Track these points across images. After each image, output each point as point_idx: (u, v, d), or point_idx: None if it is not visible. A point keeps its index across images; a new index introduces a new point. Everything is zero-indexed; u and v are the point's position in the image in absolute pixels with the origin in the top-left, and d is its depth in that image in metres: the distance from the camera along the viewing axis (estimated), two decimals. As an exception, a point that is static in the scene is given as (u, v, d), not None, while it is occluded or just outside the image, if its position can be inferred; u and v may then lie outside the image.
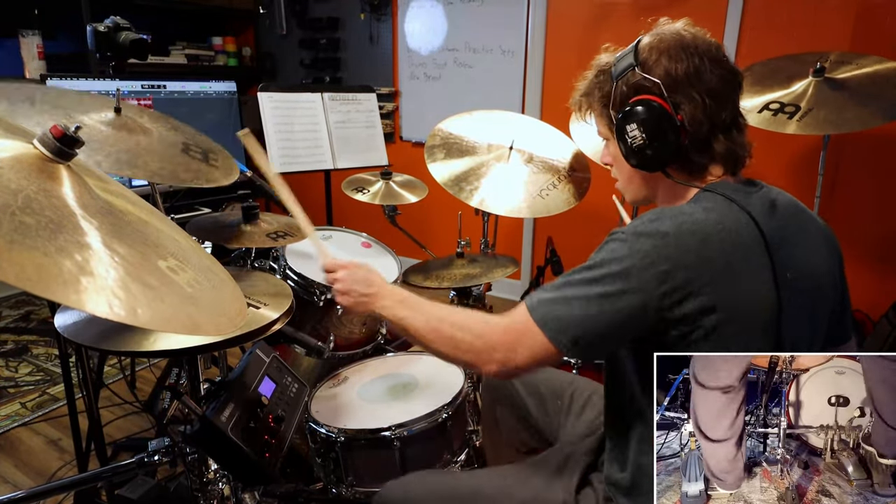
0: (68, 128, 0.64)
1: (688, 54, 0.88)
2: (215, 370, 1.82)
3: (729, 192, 0.88)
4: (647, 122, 0.89)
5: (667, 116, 0.88)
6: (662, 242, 0.81)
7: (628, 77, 0.92)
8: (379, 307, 1.07)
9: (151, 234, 0.72)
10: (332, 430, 1.38)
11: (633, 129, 0.90)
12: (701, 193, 0.90)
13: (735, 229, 0.84)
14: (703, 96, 0.87)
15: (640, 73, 0.90)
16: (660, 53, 0.90)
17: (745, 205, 0.86)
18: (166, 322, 0.59)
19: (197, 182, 1.22)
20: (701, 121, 0.88)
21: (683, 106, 0.88)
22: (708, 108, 0.88)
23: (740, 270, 0.82)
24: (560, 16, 3.07)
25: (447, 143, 1.91)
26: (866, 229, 2.55)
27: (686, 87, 0.88)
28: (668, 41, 0.90)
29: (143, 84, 2.92)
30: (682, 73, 0.88)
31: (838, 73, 1.89)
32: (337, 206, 2.64)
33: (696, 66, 0.88)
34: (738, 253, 0.83)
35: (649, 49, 0.91)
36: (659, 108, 0.88)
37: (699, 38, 0.91)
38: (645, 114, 0.89)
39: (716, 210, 0.85)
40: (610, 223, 2.96)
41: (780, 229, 0.88)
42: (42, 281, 0.51)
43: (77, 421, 1.76)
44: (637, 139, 0.91)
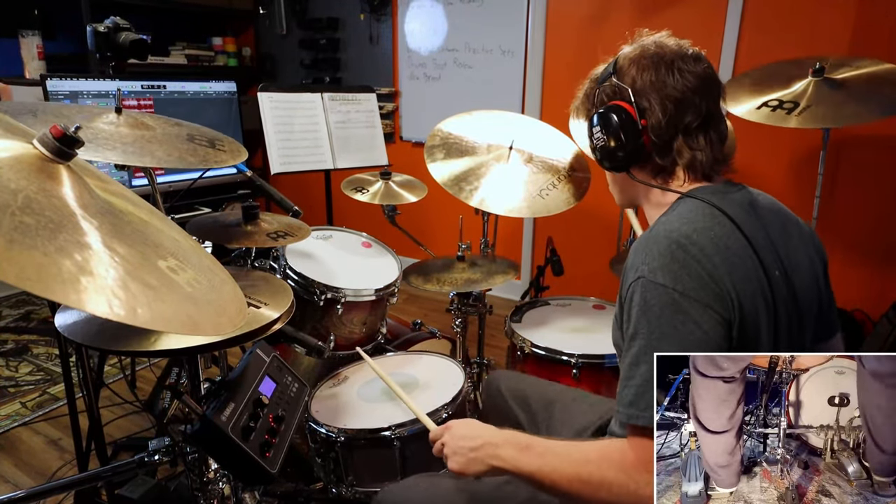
0: (68, 128, 0.64)
1: (655, 63, 0.94)
2: (215, 370, 1.82)
3: (707, 195, 0.91)
4: (609, 124, 0.96)
5: (630, 120, 0.94)
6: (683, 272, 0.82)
7: (606, 84, 0.99)
8: (498, 460, 0.93)
9: (152, 234, 0.72)
10: (333, 430, 1.38)
11: (598, 130, 0.98)
12: (681, 200, 0.93)
13: (722, 234, 0.86)
14: (665, 102, 0.92)
15: (615, 80, 0.97)
16: (631, 62, 0.96)
17: (724, 208, 0.88)
18: (166, 322, 0.59)
19: (206, 164, 1.23)
20: (663, 125, 0.93)
21: (648, 111, 0.94)
22: (669, 114, 0.92)
23: (738, 277, 0.83)
24: (560, 16, 3.07)
25: (447, 143, 1.91)
26: (866, 229, 2.55)
27: (650, 94, 0.93)
28: (641, 52, 0.97)
29: (143, 84, 2.92)
30: (648, 81, 0.94)
31: (837, 74, 1.90)
32: (337, 206, 2.65)
33: (661, 74, 0.93)
34: (730, 258, 0.84)
35: (625, 58, 0.98)
36: (623, 111, 0.94)
37: (671, 48, 0.96)
38: (609, 116, 0.96)
39: (697, 218, 0.87)
40: (610, 223, 2.96)
41: (763, 229, 0.90)
42: (42, 280, 0.51)
43: (77, 420, 1.76)
44: (600, 140, 0.98)
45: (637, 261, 0.86)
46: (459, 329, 1.96)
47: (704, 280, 0.81)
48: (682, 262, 0.82)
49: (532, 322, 1.85)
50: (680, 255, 0.83)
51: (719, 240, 0.85)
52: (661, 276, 0.82)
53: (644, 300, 0.83)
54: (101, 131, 1.19)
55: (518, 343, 1.71)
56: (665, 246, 0.84)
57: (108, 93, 2.68)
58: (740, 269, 0.84)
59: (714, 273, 0.82)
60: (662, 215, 0.94)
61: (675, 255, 0.83)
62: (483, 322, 2.08)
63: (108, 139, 1.16)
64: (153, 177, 1.53)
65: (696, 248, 0.83)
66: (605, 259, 2.23)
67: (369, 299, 1.73)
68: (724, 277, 0.82)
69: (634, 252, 0.88)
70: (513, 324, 1.81)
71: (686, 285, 0.81)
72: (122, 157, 1.13)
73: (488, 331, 2.16)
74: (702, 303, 0.80)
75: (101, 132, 1.18)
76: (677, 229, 0.86)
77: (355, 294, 1.69)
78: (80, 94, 2.58)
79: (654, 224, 0.92)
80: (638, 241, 0.90)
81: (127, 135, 1.21)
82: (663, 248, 0.84)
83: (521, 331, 1.75)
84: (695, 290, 0.81)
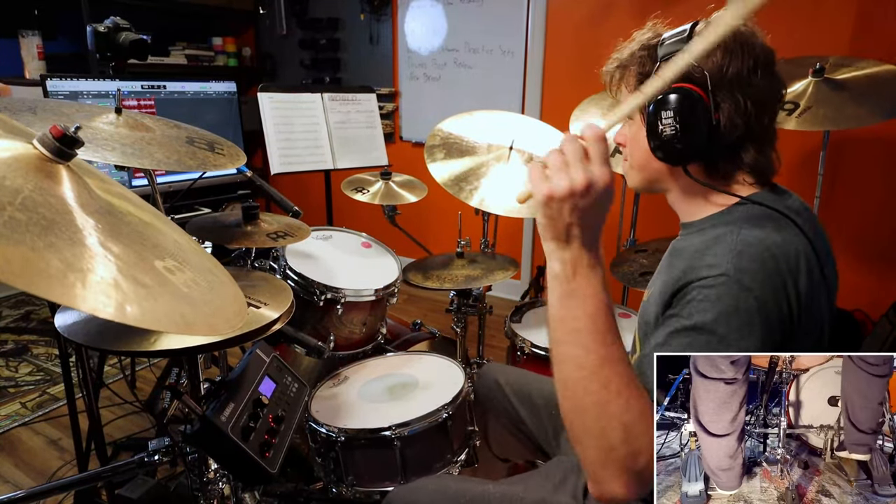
0: (68, 128, 0.64)
1: (745, 53, 0.82)
2: (215, 370, 1.82)
3: (773, 203, 0.83)
4: (683, 113, 0.82)
5: (706, 112, 0.81)
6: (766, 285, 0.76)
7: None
8: (562, 261, 0.78)
9: (151, 235, 0.72)
10: (333, 430, 1.38)
11: (668, 116, 0.82)
12: (743, 205, 0.85)
13: (802, 250, 0.80)
14: (746, 101, 0.82)
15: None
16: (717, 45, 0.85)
17: (794, 219, 0.82)
18: (157, 320, 0.59)
19: (205, 167, 1.22)
20: (737, 125, 0.82)
21: (723, 105, 0.82)
22: (748, 114, 0.82)
23: (814, 296, 0.80)
24: (560, 16, 3.07)
25: (447, 143, 1.91)
26: (866, 229, 2.55)
27: (732, 87, 0.81)
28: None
29: (143, 84, 2.92)
30: (734, 72, 0.81)
31: (837, 75, 1.90)
32: (337, 206, 2.65)
33: (749, 67, 0.82)
34: (813, 279, 0.80)
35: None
36: (700, 100, 0.81)
37: (759, 39, 0.84)
38: (684, 103, 0.82)
39: (778, 228, 0.81)
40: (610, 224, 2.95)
41: (817, 240, 0.84)
42: (26, 275, 0.50)
43: (77, 421, 1.76)
44: (668, 128, 0.83)
45: (721, 260, 0.77)
46: (459, 329, 1.96)
47: (781, 298, 0.76)
48: (772, 272, 0.76)
49: (532, 322, 1.85)
50: (771, 265, 0.77)
51: (801, 256, 0.79)
52: (748, 280, 0.75)
53: (719, 297, 0.75)
54: (100, 131, 1.19)
55: (518, 343, 1.71)
56: (758, 252, 0.77)
57: (108, 93, 2.68)
58: (817, 289, 0.80)
59: (791, 293, 0.77)
60: (723, 217, 0.86)
61: (766, 264, 0.76)
62: (483, 322, 2.08)
63: (107, 140, 1.16)
64: (153, 177, 1.53)
65: (786, 264, 0.77)
66: (605, 259, 2.23)
67: (369, 299, 1.73)
68: (802, 296, 0.78)
69: (706, 248, 0.80)
70: (513, 324, 1.81)
71: (766, 297, 0.75)
72: (122, 159, 1.13)
73: (488, 331, 2.16)
74: (769, 324, 0.75)
75: (101, 132, 1.18)
76: (768, 237, 0.79)
77: (355, 294, 1.69)
78: (80, 95, 2.58)
79: (735, 229, 0.81)
80: (713, 244, 0.81)
81: (126, 136, 1.21)
82: (755, 253, 0.77)
83: (521, 331, 1.75)
84: (769, 304, 0.75)
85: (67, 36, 3.32)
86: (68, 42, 3.32)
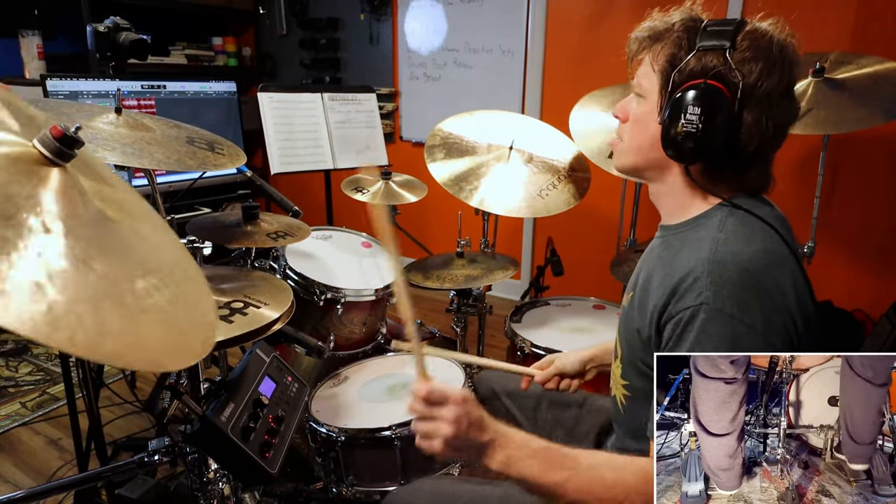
0: (68, 128, 0.63)
1: (783, 73, 0.80)
2: (215, 370, 1.82)
3: (753, 208, 0.83)
4: (711, 114, 0.79)
5: (731, 119, 0.80)
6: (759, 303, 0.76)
7: (712, 55, 0.81)
8: (500, 463, 0.83)
9: (139, 249, 0.68)
10: (333, 430, 1.38)
11: (695, 111, 0.79)
12: (724, 208, 0.85)
13: (783, 259, 0.80)
14: (769, 121, 0.80)
15: (731, 60, 0.79)
16: (758, 54, 0.80)
17: (775, 226, 0.82)
18: (97, 346, 0.52)
19: (205, 167, 1.22)
20: (751, 142, 0.81)
21: (747, 119, 0.80)
22: (765, 134, 0.81)
23: (802, 304, 0.80)
24: (560, 16, 3.07)
25: (447, 143, 1.91)
26: (866, 229, 2.55)
27: (761, 104, 0.80)
28: (772, 46, 0.81)
29: (143, 84, 2.93)
30: (767, 90, 0.79)
31: (838, 74, 1.89)
32: (337, 206, 2.65)
33: (781, 89, 0.80)
34: (797, 286, 0.80)
35: (751, 42, 0.81)
36: (729, 106, 0.79)
37: (799, 59, 0.82)
38: (715, 105, 0.79)
39: (757, 237, 0.81)
40: (610, 223, 2.96)
41: (794, 244, 0.84)
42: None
43: (77, 420, 1.76)
44: (692, 123, 0.80)
45: (700, 284, 0.77)
46: (459, 329, 1.96)
47: (771, 314, 0.76)
48: (754, 292, 0.76)
49: (532, 322, 1.85)
50: (751, 285, 0.76)
51: (784, 265, 0.79)
52: (728, 306, 0.75)
53: (703, 329, 0.75)
54: (100, 131, 1.19)
55: (518, 343, 1.71)
56: (735, 274, 0.76)
57: (108, 93, 2.68)
58: (803, 296, 0.80)
59: (781, 304, 0.77)
60: (704, 221, 0.86)
61: (745, 285, 0.76)
62: (483, 322, 2.08)
63: (107, 140, 1.16)
64: (153, 177, 1.53)
65: (769, 280, 0.77)
66: (605, 259, 2.23)
67: (369, 299, 1.73)
68: (791, 307, 0.77)
69: (689, 271, 0.79)
70: (513, 324, 1.81)
71: (754, 318, 0.75)
72: (122, 158, 1.13)
73: (488, 331, 2.16)
74: (766, 340, 0.75)
75: (101, 132, 1.18)
76: (742, 252, 0.78)
77: (355, 294, 1.69)
78: (80, 94, 2.58)
79: (713, 241, 0.81)
80: (692, 257, 0.80)
81: (126, 136, 1.21)
82: (733, 277, 0.76)
83: (521, 331, 1.75)
84: (761, 324, 0.75)
85: (67, 36, 3.32)
86: (68, 42, 3.31)
